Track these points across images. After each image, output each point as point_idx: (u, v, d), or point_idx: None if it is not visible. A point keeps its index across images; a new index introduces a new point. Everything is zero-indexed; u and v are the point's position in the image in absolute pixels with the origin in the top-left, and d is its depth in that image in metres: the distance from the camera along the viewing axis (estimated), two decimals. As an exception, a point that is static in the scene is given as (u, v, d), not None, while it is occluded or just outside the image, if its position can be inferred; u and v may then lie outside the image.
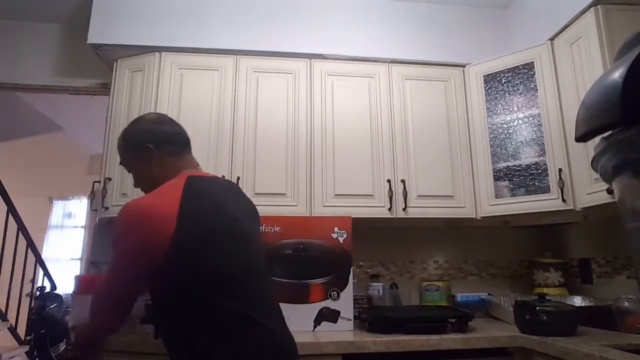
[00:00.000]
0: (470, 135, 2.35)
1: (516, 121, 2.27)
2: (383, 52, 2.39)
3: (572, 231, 2.45)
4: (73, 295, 1.01)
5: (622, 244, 2.07)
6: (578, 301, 2.14)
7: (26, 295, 4.50)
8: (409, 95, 2.36)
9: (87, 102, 3.20)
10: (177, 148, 1.32)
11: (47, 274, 4.64)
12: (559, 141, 2.07)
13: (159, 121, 1.35)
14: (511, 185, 2.24)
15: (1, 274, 4.08)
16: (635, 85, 0.54)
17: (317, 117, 2.26)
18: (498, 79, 2.35)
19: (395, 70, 2.38)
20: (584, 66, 1.92)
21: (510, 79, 2.33)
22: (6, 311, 4.22)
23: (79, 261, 6.14)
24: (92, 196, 2.36)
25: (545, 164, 2.11)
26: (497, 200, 2.21)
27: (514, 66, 2.26)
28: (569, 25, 2.04)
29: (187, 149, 1.36)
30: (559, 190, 2.01)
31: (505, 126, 2.30)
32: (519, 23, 2.50)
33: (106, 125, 2.31)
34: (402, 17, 2.49)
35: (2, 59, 2.60)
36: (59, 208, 6.47)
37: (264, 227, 2.01)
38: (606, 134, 0.63)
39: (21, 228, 4.36)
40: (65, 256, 6.17)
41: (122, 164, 1.36)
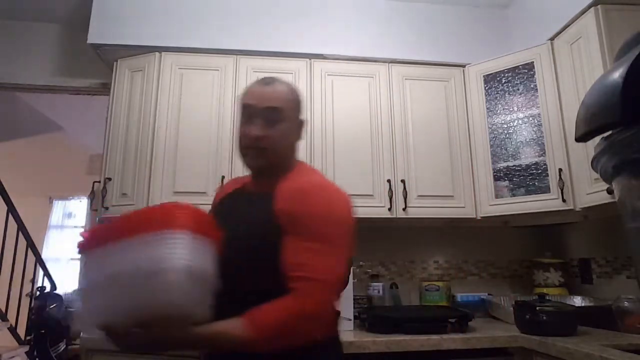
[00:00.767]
0: (470, 135, 2.34)
1: (516, 121, 2.27)
2: (383, 52, 2.39)
3: (572, 231, 2.45)
4: (84, 251, 0.95)
5: (622, 244, 2.07)
6: (578, 301, 2.14)
7: (26, 295, 4.50)
8: (409, 95, 2.36)
9: (87, 102, 3.20)
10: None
11: (47, 274, 4.65)
12: (559, 141, 2.07)
13: None
14: (511, 185, 2.24)
15: (1, 274, 4.08)
16: (635, 85, 0.54)
17: (317, 117, 2.26)
18: (498, 79, 2.35)
19: (395, 70, 2.38)
20: (584, 66, 1.92)
21: (510, 79, 2.32)
22: (6, 311, 4.22)
23: (78, 261, 6.14)
24: (92, 196, 2.37)
25: (545, 164, 2.11)
26: (497, 200, 2.21)
27: (514, 66, 2.26)
28: (569, 25, 2.04)
29: None
30: (559, 190, 2.01)
31: (505, 126, 2.30)
32: (519, 23, 2.50)
33: (106, 125, 2.31)
34: (402, 17, 2.49)
35: (2, 59, 2.60)
36: (59, 208, 6.48)
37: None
38: (606, 134, 0.63)
39: (21, 228, 4.36)
40: (65, 256, 6.18)
41: (273, 113, 1.07)
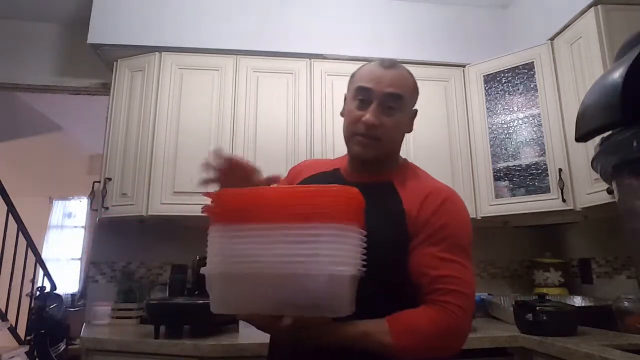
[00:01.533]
0: (470, 135, 2.34)
1: (516, 121, 2.27)
2: (383, 52, 2.38)
3: (572, 231, 2.45)
4: (218, 223, 0.78)
5: (622, 244, 2.07)
6: (578, 301, 2.14)
7: (26, 295, 4.51)
8: (409, 95, 2.36)
9: (87, 102, 3.20)
10: None
11: (47, 274, 4.64)
12: (559, 141, 2.06)
13: None
14: (511, 185, 2.24)
15: (1, 274, 4.08)
16: (635, 85, 0.54)
17: (317, 117, 2.26)
18: (498, 79, 2.35)
19: (395, 70, 2.37)
20: (584, 66, 1.92)
21: (510, 79, 2.32)
22: (6, 311, 4.22)
23: (79, 261, 6.15)
24: (92, 196, 2.37)
25: (545, 164, 2.11)
26: (497, 200, 2.21)
27: (514, 66, 2.26)
28: (569, 25, 2.04)
29: None
30: (559, 190, 2.00)
31: (505, 126, 2.30)
32: (519, 23, 2.50)
33: (106, 125, 2.31)
34: (402, 17, 2.49)
35: (2, 59, 2.60)
36: (59, 208, 6.48)
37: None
38: (606, 134, 0.63)
39: (21, 228, 4.36)
40: (65, 256, 6.18)
41: (393, 100, 0.98)
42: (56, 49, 2.66)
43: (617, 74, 0.56)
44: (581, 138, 0.66)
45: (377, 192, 0.96)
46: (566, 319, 1.72)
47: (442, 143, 2.32)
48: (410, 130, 1.07)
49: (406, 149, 2.27)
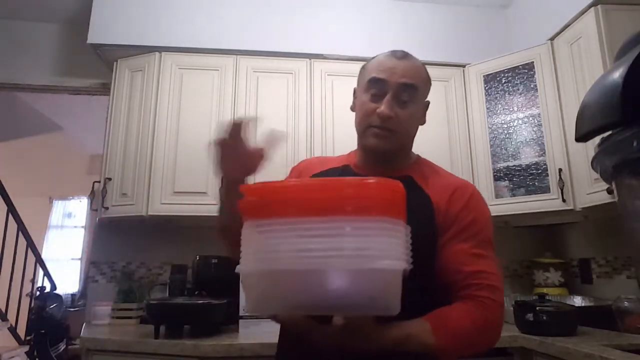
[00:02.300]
0: (470, 135, 2.34)
1: (516, 121, 2.27)
2: (383, 52, 2.38)
3: (572, 231, 2.45)
4: (256, 219, 0.72)
5: (622, 244, 2.07)
6: (578, 301, 2.14)
7: (26, 295, 4.51)
8: (409, 95, 2.36)
9: (87, 102, 3.20)
10: None
11: (47, 274, 4.65)
12: (559, 141, 2.06)
13: None
14: (511, 185, 2.24)
15: (1, 274, 4.08)
16: (635, 85, 0.54)
17: (317, 117, 2.26)
18: (498, 79, 2.35)
19: (395, 70, 2.37)
20: (584, 66, 1.92)
21: (510, 79, 2.32)
22: (6, 311, 4.22)
23: (79, 261, 6.15)
24: (92, 196, 2.37)
25: (545, 164, 2.11)
26: (497, 200, 2.21)
27: (514, 66, 2.26)
28: (569, 25, 2.04)
29: None
30: (559, 190, 2.00)
31: (505, 126, 2.30)
32: (519, 23, 2.50)
33: (106, 125, 2.31)
34: (402, 17, 2.49)
35: (2, 59, 2.60)
36: (59, 208, 6.48)
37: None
38: (606, 134, 0.63)
39: (21, 228, 4.37)
40: (65, 256, 6.18)
41: (407, 91, 0.96)
42: (56, 49, 2.66)
43: (617, 74, 0.56)
44: (581, 138, 0.66)
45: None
46: (566, 319, 1.72)
47: (442, 143, 2.32)
48: (424, 122, 1.05)
49: (406, 149, 2.28)
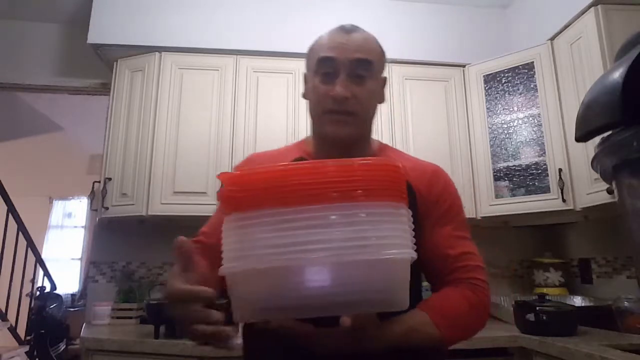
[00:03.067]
0: (470, 135, 2.34)
1: (516, 121, 2.27)
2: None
3: (572, 231, 2.45)
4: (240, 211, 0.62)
5: (622, 244, 2.07)
6: (578, 301, 2.14)
7: (26, 295, 4.51)
8: (409, 95, 2.36)
9: (87, 102, 3.20)
10: None
11: (47, 274, 4.65)
12: (559, 141, 2.06)
13: None
14: (511, 185, 2.24)
15: (1, 274, 4.08)
16: (635, 85, 0.54)
17: (317, 117, 2.26)
18: (498, 79, 2.35)
19: (395, 70, 2.38)
20: (584, 66, 1.92)
21: (510, 79, 2.32)
22: (6, 311, 4.22)
23: (79, 261, 6.15)
24: (92, 196, 2.37)
25: (545, 164, 2.11)
26: (497, 200, 2.21)
27: (514, 66, 2.26)
28: (569, 25, 2.04)
29: None
30: (559, 190, 2.00)
31: (505, 126, 2.30)
32: (519, 23, 2.50)
33: (106, 125, 2.31)
34: (402, 17, 2.49)
35: (2, 59, 2.60)
36: (59, 208, 6.48)
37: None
38: (606, 134, 0.63)
39: (21, 228, 4.37)
40: (65, 256, 6.18)
41: (362, 67, 0.87)
42: (56, 49, 2.66)
43: (617, 74, 0.56)
44: (581, 138, 0.66)
45: None
46: (566, 319, 1.72)
47: (442, 143, 2.32)
48: (383, 100, 0.96)
49: (406, 149, 2.28)
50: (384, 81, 0.96)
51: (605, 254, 2.21)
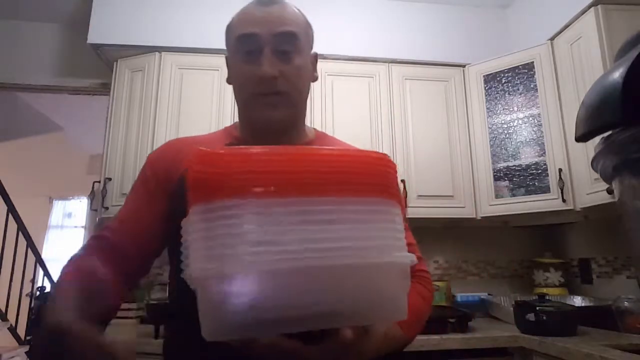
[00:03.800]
0: (470, 135, 2.34)
1: (516, 121, 2.27)
2: (383, 52, 2.39)
3: (572, 231, 2.45)
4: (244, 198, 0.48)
5: (622, 244, 2.07)
6: (578, 301, 2.14)
7: (26, 295, 4.51)
8: (409, 95, 2.36)
9: (87, 102, 3.20)
10: None
11: (47, 274, 4.65)
12: (559, 141, 2.07)
13: None
14: (511, 185, 2.24)
15: (1, 274, 4.08)
16: (635, 85, 0.54)
17: (317, 117, 2.26)
18: (498, 79, 2.35)
19: (395, 70, 2.38)
20: (584, 66, 1.92)
21: (510, 79, 2.32)
22: (6, 311, 4.22)
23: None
24: (92, 196, 2.37)
25: (545, 164, 2.11)
26: (497, 200, 2.21)
27: (514, 66, 2.26)
28: (569, 26, 2.04)
29: None
30: (559, 190, 2.00)
31: (505, 126, 2.30)
32: (519, 23, 2.50)
33: (106, 125, 2.31)
34: (402, 17, 2.49)
35: (2, 59, 2.60)
36: (59, 208, 6.48)
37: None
38: (606, 134, 0.63)
39: (21, 228, 4.37)
40: (65, 256, 6.16)
41: (287, 41, 0.79)
42: (56, 49, 2.66)
43: (617, 74, 0.56)
44: (581, 138, 0.66)
45: None
46: (566, 319, 1.72)
47: (442, 143, 2.32)
48: (315, 78, 0.89)
49: (406, 149, 2.28)
50: (315, 57, 0.89)
51: (605, 254, 2.21)
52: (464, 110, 2.38)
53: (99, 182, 2.25)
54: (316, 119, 2.26)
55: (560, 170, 2.02)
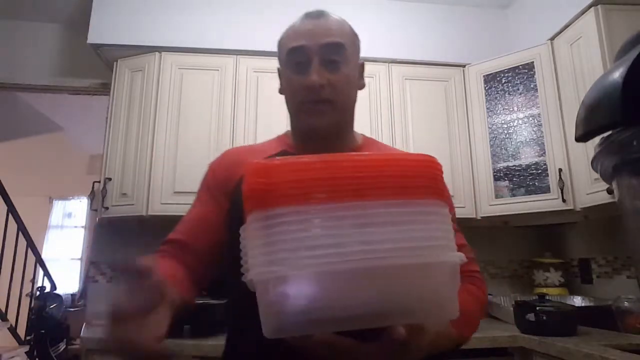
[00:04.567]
0: (470, 135, 2.34)
1: (516, 121, 2.27)
2: (383, 52, 2.39)
3: (572, 231, 2.45)
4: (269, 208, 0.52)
5: (622, 244, 2.07)
6: (578, 301, 2.14)
7: (26, 295, 4.51)
8: (409, 95, 2.36)
9: (87, 102, 3.20)
10: None
11: (47, 274, 4.65)
12: (559, 141, 2.07)
13: None
14: (511, 185, 2.24)
15: (1, 274, 4.08)
16: (635, 85, 0.54)
17: (317, 117, 2.26)
18: (498, 79, 2.35)
19: (395, 70, 2.38)
20: (584, 66, 1.92)
21: (510, 79, 2.32)
22: (6, 311, 4.23)
23: (79, 261, 6.15)
24: (92, 196, 2.37)
25: (545, 164, 2.11)
26: (497, 200, 2.21)
27: (514, 66, 2.26)
28: (569, 25, 2.04)
29: None
30: (559, 190, 2.00)
31: (505, 126, 2.30)
32: (519, 23, 2.50)
33: (106, 125, 2.31)
34: (402, 17, 2.49)
35: (2, 59, 2.60)
36: (59, 208, 6.48)
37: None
38: (606, 134, 0.63)
39: (21, 228, 4.37)
40: (65, 256, 6.18)
41: (334, 51, 0.83)
42: (56, 49, 2.66)
43: (617, 74, 0.56)
44: (581, 138, 0.66)
45: None
46: (566, 319, 1.72)
47: (442, 143, 2.32)
48: (363, 86, 0.93)
49: (406, 149, 2.28)
50: (362, 67, 0.92)
51: (605, 254, 2.21)
52: (464, 110, 2.38)
53: (99, 182, 2.25)
54: (316, 119, 2.26)
55: (560, 170, 2.02)
